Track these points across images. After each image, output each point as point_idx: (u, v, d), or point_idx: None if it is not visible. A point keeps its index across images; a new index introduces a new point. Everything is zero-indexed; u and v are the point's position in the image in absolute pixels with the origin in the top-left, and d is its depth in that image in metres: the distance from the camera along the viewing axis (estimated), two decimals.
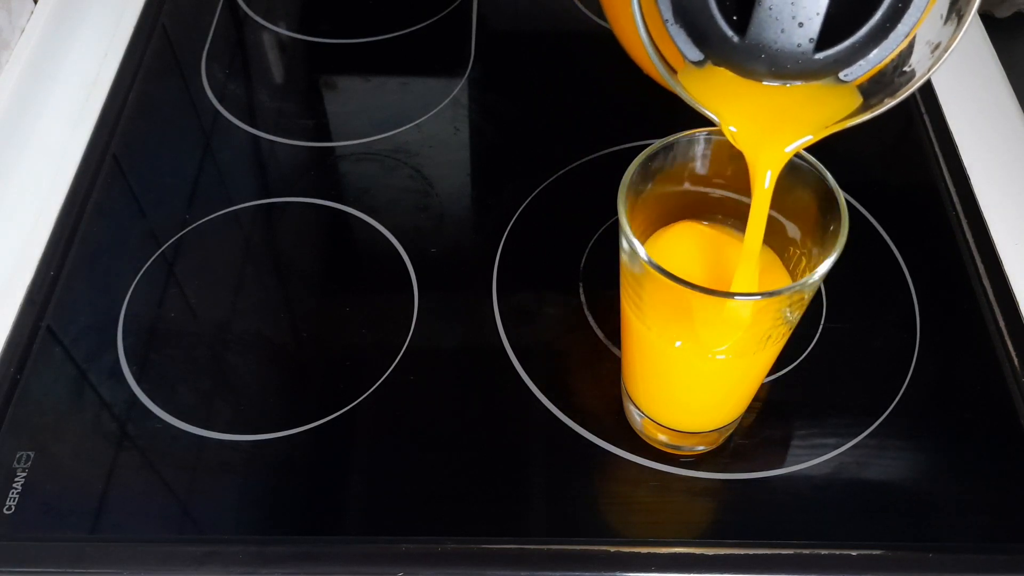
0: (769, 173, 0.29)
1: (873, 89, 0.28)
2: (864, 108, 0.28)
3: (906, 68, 0.28)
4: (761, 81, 0.28)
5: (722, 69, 0.28)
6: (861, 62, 0.27)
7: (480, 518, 0.37)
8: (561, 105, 0.54)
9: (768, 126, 0.29)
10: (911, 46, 0.27)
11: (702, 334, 0.32)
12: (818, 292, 0.44)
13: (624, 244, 0.30)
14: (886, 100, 0.28)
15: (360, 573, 0.36)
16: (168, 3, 0.59)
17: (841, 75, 0.27)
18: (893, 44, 0.26)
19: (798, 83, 0.28)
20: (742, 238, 0.30)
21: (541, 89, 0.55)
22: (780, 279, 0.33)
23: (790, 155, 0.29)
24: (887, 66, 0.27)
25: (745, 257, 0.30)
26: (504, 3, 0.60)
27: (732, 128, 0.29)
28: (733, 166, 0.33)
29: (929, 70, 0.27)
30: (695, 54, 0.28)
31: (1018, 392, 0.41)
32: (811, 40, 0.25)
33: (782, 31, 0.25)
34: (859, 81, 0.28)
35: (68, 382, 0.41)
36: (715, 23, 0.26)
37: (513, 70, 0.57)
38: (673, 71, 0.29)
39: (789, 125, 0.29)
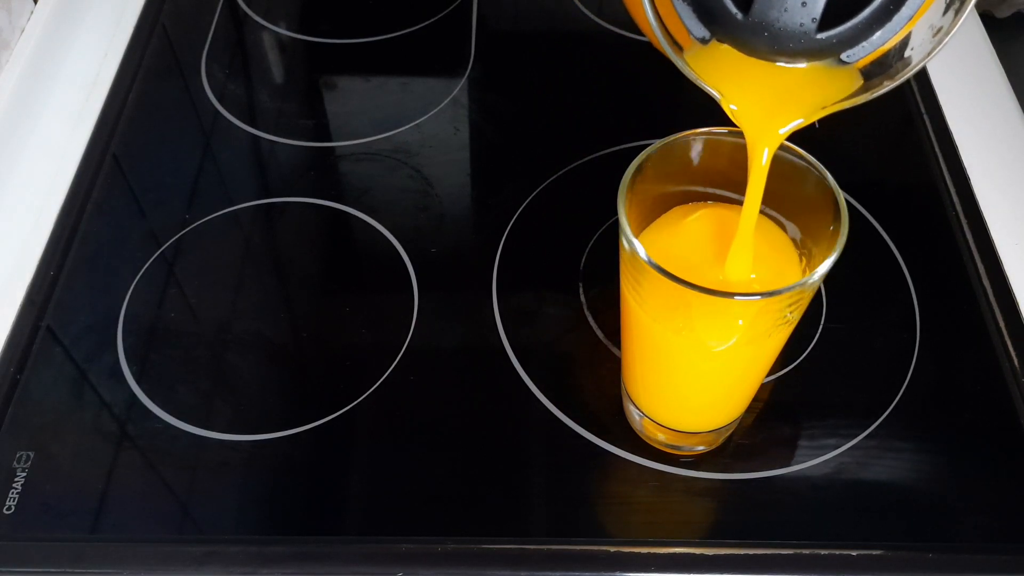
0: (766, 151, 0.29)
1: (873, 71, 0.28)
2: (863, 90, 0.28)
3: (907, 51, 0.28)
4: (764, 59, 0.28)
5: (726, 47, 0.28)
6: (864, 44, 0.27)
7: (480, 518, 0.37)
8: (561, 105, 0.54)
9: (768, 104, 0.29)
10: (913, 29, 0.27)
11: (703, 332, 0.32)
12: (818, 292, 0.44)
13: (624, 244, 0.30)
14: (885, 83, 0.28)
15: (360, 573, 0.36)
16: (168, 3, 0.59)
17: (843, 56, 0.27)
18: (896, 27, 0.26)
19: (801, 62, 0.28)
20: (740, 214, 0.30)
21: (541, 89, 0.55)
22: (790, 258, 0.33)
23: (788, 134, 0.29)
24: (889, 49, 0.27)
25: (741, 234, 0.30)
26: (504, 3, 0.60)
27: (732, 106, 0.29)
28: (733, 165, 0.33)
29: (930, 54, 0.27)
30: (700, 30, 0.28)
31: (1018, 392, 0.41)
32: (814, 20, 0.25)
33: (786, 10, 0.26)
34: (861, 63, 0.28)
35: (68, 382, 0.41)
36: (720, 0, 0.26)
37: (513, 70, 0.57)
38: (679, 48, 0.29)
39: (789, 104, 0.29)
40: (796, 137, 0.31)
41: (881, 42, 0.27)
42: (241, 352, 0.43)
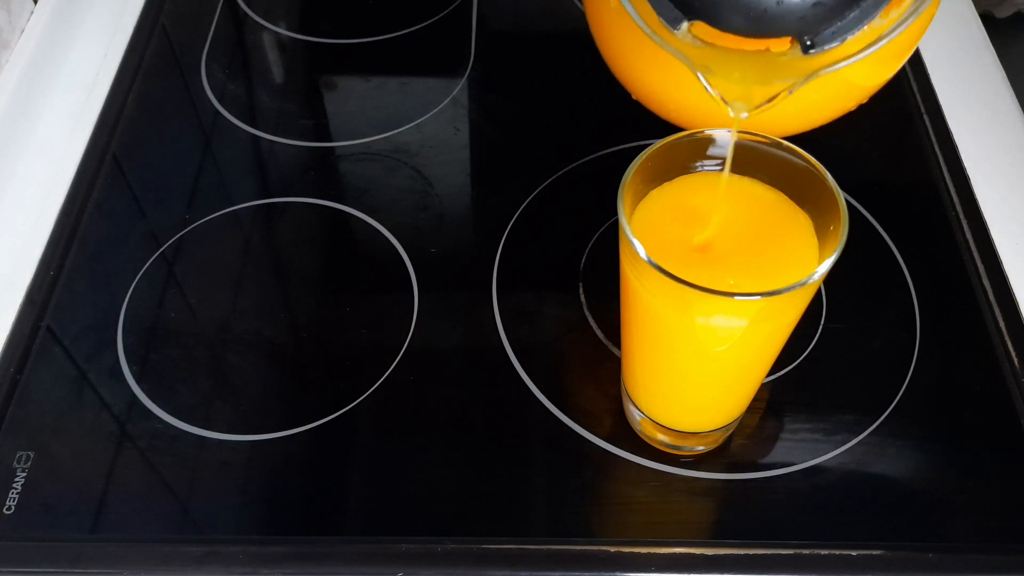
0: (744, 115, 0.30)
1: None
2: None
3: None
4: (739, 34, 0.28)
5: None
6: (838, 24, 0.27)
7: (480, 518, 0.37)
8: (561, 105, 0.54)
9: (742, 82, 0.29)
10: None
11: (702, 330, 0.32)
12: (818, 292, 0.44)
13: (625, 244, 0.30)
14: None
15: (360, 573, 0.36)
16: (168, 3, 0.59)
17: (812, 49, 0.27)
18: (873, 10, 0.26)
19: (773, 37, 0.28)
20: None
21: (541, 89, 0.55)
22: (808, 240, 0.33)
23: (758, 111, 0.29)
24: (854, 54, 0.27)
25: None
26: (504, 3, 0.60)
27: (701, 76, 0.29)
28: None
29: (905, 20, 0.27)
30: (672, 13, 0.29)
31: (1018, 392, 0.41)
32: None
33: None
34: (828, 61, 0.27)
35: (68, 382, 0.41)
36: None
37: (513, 70, 0.57)
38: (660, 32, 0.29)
39: (761, 85, 0.29)
40: (796, 137, 0.31)
41: (855, 25, 0.27)
42: (241, 352, 0.43)
